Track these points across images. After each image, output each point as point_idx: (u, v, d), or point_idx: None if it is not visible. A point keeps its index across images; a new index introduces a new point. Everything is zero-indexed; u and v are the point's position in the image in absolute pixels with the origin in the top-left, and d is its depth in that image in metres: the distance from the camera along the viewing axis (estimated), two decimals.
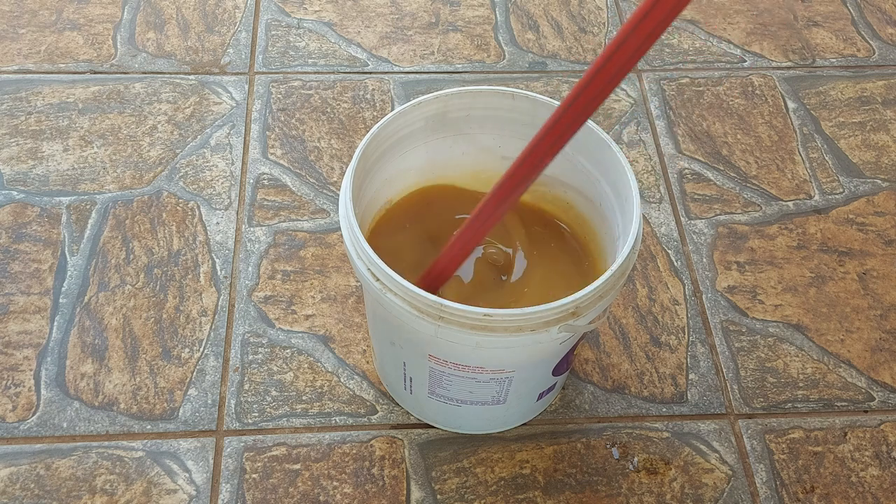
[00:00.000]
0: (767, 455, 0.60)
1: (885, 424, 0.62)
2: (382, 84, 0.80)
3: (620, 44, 0.36)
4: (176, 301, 0.65)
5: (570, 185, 0.57)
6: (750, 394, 0.63)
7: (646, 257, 0.70)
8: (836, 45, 0.86)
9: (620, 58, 0.36)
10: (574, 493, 0.58)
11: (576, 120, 0.40)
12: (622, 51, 0.36)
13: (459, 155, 0.58)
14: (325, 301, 0.66)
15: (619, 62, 0.36)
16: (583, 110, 0.39)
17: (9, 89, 0.77)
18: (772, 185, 0.75)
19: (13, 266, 0.66)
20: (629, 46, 0.36)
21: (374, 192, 0.56)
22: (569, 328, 0.45)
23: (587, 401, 0.62)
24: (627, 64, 0.36)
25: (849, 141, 0.79)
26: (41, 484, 0.57)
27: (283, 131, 0.76)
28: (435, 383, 0.53)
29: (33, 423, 0.59)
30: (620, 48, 0.36)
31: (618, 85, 0.38)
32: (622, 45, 0.36)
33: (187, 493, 0.57)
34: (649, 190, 0.74)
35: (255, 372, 0.62)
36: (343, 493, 0.57)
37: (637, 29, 0.35)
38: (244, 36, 0.83)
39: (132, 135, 0.75)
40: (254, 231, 0.69)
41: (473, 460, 0.59)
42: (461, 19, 0.86)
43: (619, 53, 0.36)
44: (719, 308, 0.67)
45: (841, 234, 0.72)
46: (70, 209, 0.70)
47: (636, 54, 0.36)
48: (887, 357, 0.65)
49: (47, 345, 0.63)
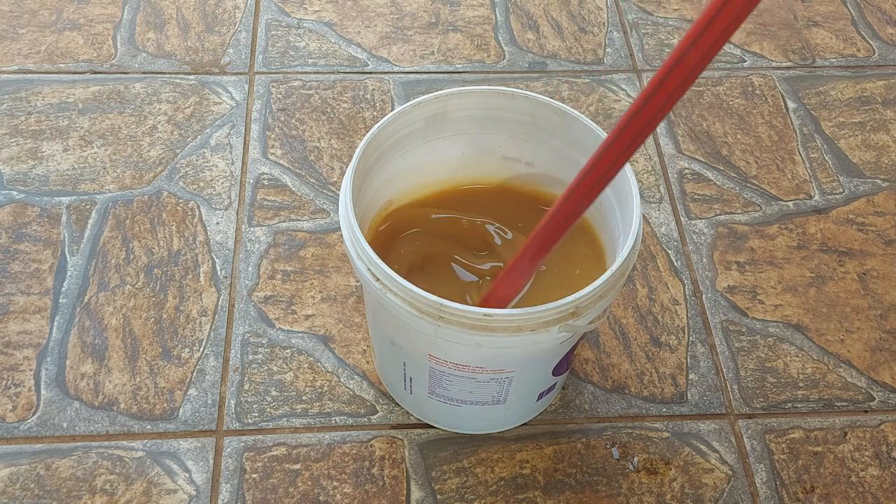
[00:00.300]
0: (767, 455, 0.60)
1: (885, 424, 0.62)
2: (382, 84, 0.80)
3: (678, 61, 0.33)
4: (176, 301, 0.65)
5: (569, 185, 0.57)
6: (750, 394, 0.63)
7: (646, 257, 0.70)
8: (836, 45, 0.86)
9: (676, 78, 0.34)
10: (574, 493, 0.58)
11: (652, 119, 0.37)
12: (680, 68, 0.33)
13: (459, 155, 0.58)
14: (325, 301, 0.66)
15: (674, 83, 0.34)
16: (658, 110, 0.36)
17: (9, 89, 0.77)
18: (772, 185, 0.75)
19: (13, 266, 0.66)
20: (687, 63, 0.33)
21: (374, 192, 0.56)
22: (569, 328, 0.45)
23: (587, 401, 0.62)
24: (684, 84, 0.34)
25: (849, 141, 0.79)
26: (41, 484, 0.57)
27: (283, 131, 0.76)
28: (435, 383, 0.53)
29: (33, 423, 0.59)
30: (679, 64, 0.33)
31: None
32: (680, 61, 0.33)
33: (187, 493, 0.57)
34: (649, 190, 0.74)
35: (255, 372, 0.62)
36: (343, 493, 0.57)
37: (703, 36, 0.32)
38: (244, 36, 0.83)
39: (132, 135, 0.75)
40: (254, 231, 0.69)
41: (473, 460, 0.59)
42: (461, 19, 0.86)
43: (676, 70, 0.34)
44: (719, 308, 0.67)
45: (841, 234, 0.72)
46: (70, 209, 0.70)
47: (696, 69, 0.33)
48: (887, 357, 0.65)
49: (47, 345, 0.63)
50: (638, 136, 0.37)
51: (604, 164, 0.39)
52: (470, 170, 0.59)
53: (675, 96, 0.35)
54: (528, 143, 0.57)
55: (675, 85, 0.34)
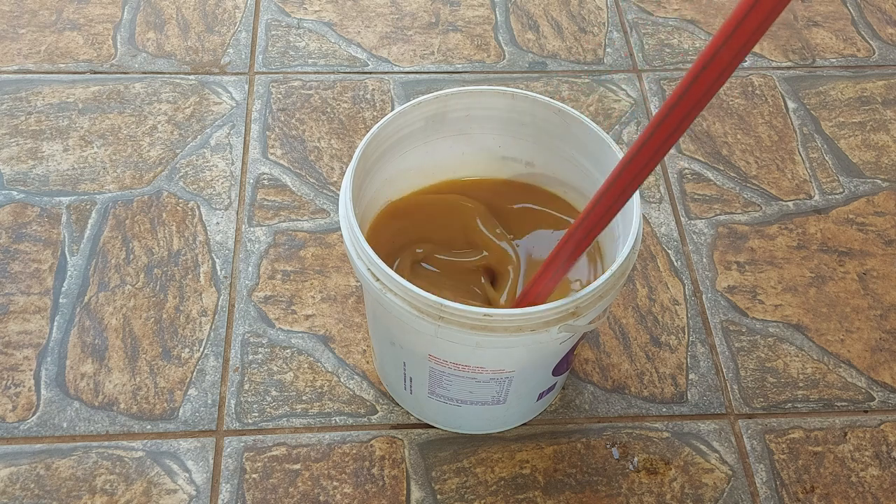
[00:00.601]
0: (767, 455, 0.60)
1: (885, 424, 0.62)
2: (382, 84, 0.80)
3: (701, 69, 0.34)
4: (176, 301, 0.65)
5: (570, 184, 0.57)
6: (750, 394, 0.63)
7: (646, 257, 0.70)
8: (836, 45, 0.86)
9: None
10: (574, 493, 0.58)
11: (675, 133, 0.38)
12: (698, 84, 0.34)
13: (459, 155, 0.58)
14: (325, 301, 0.66)
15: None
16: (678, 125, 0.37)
17: (9, 89, 0.77)
18: (772, 185, 0.75)
19: (13, 266, 0.67)
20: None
21: (374, 192, 0.56)
22: (569, 328, 0.45)
23: (587, 401, 0.62)
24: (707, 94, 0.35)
25: (849, 141, 0.79)
26: (41, 484, 0.57)
27: (283, 131, 0.76)
28: (435, 383, 0.53)
29: (33, 423, 0.59)
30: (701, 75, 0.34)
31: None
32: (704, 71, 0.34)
33: (187, 493, 0.57)
34: (649, 190, 0.74)
35: (255, 372, 0.62)
36: (343, 493, 0.57)
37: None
38: (244, 36, 0.83)
39: (132, 135, 0.75)
40: (254, 231, 0.69)
41: (473, 460, 0.59)
42: (461, 19, 0.86)
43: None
44: (719, 308, 0.67)
45: (841, 234, 0.72)
46: (70, 209, 0.70)
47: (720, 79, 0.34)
48: (887, 357, 0.65)
49: (47, 345, 0.63)
50: (680, 123, 0.37)
51: (637, 164, 0.39)
52: (470, 170, 0.59)
53: (710, 92, 0.35)
54: (528, 143, 0.57)
55: (710, 81, 0.34)
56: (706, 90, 0.35)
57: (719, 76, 0.34)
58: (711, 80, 0.34)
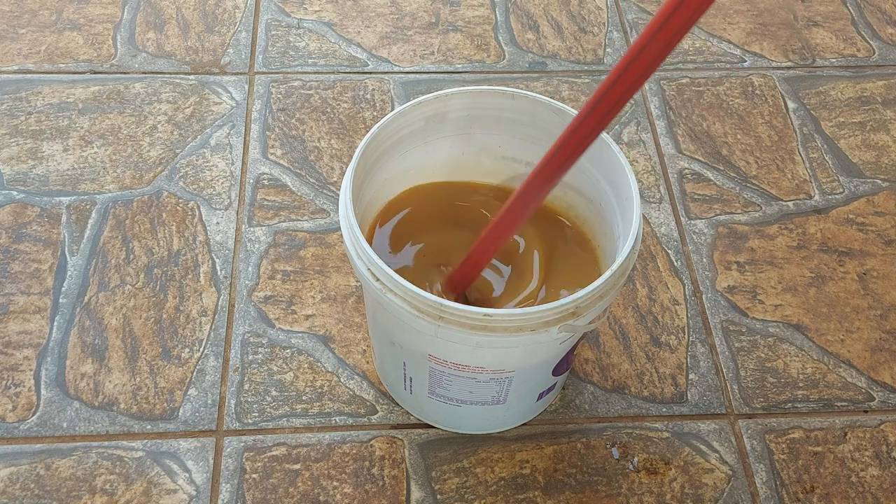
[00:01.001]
0: (767, 455, 0.60)
1: (885, 424, 0.62)
2: (382, 84, 0.80)
3: (641, 48, 0.36)
4: (176, 301, 0.65)
5: (569, 185, 0.57)
6: (750, 394, 0.63)
7: (646, 257, 0.70)
8: (836, 45, 0.86)
9: (642, 62, 0.37)
10: (574, 493, 0.58)
11: (595, 127, 0.41)
12: (644, 54, 0.36)
13: (459, 155, 0.58)
14: (325, 301, 0.66)
15: (640, 68, 0.37)
16: (602, 117, 0.40)
17: (9, 89, 0.77)
18: (772, 185, 0.75)
19: (13, 266, 0.67)
20: (651, 50, 0.36)
21: (374, 192, 0.56)
22: (569, 328, 0.45)
23: (587, 401, 0.62)
24: (649, 68, 0.37)
25: (849, 141, 0.79)
26: (41, 484, 0.57)
27: (283, 131, 0.76)
28: (435, 383, 0.53)
29: (33, 423, 0.59)
30: (642, 52, 0.36)
31: (638, 90, 0.38)
32: (644, 50, 0.36)
33: (187, 493, 0.57)
34: (649, 190, 0.74)
35: (255, 372, 0.62)
36: (343, 493, 0.57)
37: (662, 31, 0.35)
38: (244, 36, 0.83)
39: (132, 135, 0.75)
40: (254, 231, 0.70)
41: (473, 460, 0.59)
42: (461, 19, 0.86)
43: (641, 57, 0.36)
44: (719, 308, 0.67)
45: (841, 234, 0.72)
46: (70, 209, 0.70)
47: (658, 58, 0.36)
48: (887, 357, 0.65)
49: (47, 345, 0.63)
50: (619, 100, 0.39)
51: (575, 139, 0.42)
52: (470, 170, 0.59)
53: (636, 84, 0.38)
54: (528, 143, 0.57)
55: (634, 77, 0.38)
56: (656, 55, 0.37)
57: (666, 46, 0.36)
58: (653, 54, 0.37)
